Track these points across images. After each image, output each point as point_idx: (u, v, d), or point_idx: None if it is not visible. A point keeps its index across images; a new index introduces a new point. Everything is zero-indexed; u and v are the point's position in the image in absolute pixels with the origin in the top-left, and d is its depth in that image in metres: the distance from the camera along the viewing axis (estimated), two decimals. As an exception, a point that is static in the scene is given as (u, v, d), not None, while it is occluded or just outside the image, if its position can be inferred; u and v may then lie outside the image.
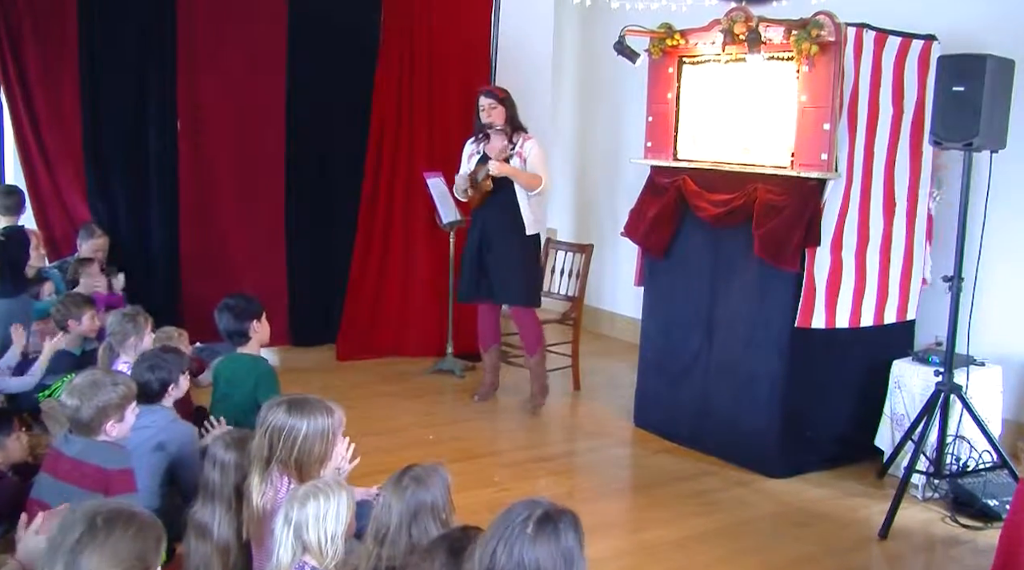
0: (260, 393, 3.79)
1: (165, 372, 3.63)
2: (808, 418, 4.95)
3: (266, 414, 2.94)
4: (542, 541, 1.92)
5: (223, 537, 2.96)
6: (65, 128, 6.18)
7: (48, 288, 5.40)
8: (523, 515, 1.95)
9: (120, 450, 3.18)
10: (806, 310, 4.78)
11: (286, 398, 3.00)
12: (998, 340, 5.08)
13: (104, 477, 3.05)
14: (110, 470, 3.07)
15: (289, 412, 2.92)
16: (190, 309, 6.35)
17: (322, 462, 2.97)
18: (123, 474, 3.10)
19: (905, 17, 4.99)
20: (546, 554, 1.92)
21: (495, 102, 5.63)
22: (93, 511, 2.06)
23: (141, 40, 6.26)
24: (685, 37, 5.23)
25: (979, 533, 4.32)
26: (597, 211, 8.08)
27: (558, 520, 1.97)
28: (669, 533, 4.29)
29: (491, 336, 6.06)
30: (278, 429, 2.89)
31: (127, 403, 3.21)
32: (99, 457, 3.09)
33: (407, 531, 2.53)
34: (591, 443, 5.53)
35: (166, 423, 3.58)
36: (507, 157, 5.56)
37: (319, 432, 2.93)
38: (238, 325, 4.14)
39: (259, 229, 6.83)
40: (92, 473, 3.05)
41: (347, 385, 6.18)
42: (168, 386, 3.64)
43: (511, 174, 5.56)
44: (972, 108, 4.16)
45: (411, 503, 2.55)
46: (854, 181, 4.79)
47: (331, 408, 3.02)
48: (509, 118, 5.64)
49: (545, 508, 1.98)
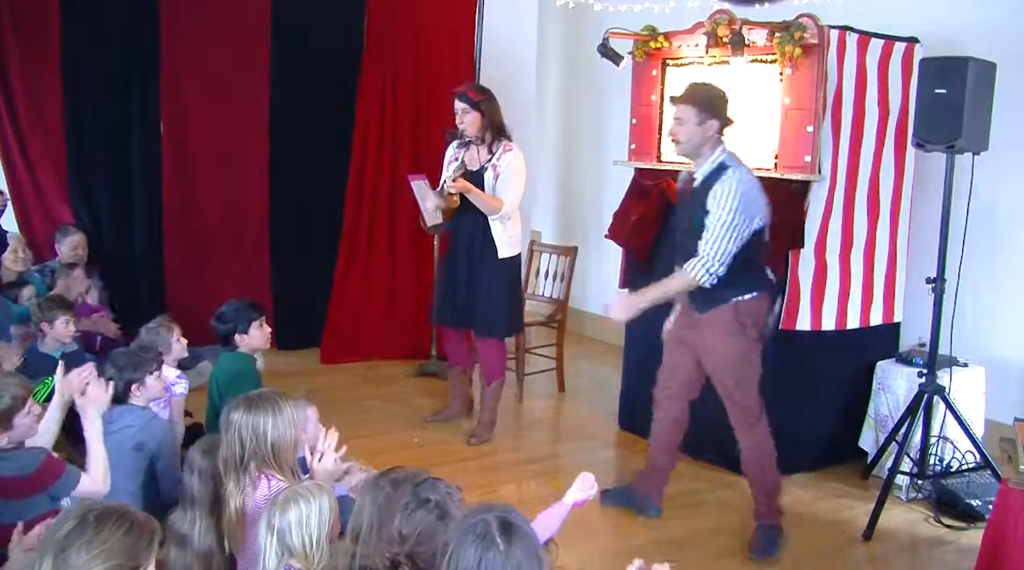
0: (230, 391, 3.75)
1: (131, 371, 3.61)
2: (793, 420, 4.96)
3: (228, 417, 2.94)
4: (514, 548, 1.92)
5: (204, 545, 2.94)
6: (48, 132, 6.15)
7: (28, 292, 5.36)
8: (483, 531, 1.93)
9: (25, 451, 3.12)
10: (791, 312, 4.79)
11: (242, 398, 2.99)
12: (981, 341, 5.11)
13: (29, 482, 3.02)
14: (30, 475, 3.02)
15: (250, 409, 2.92)
16: (174, 313, 6.24)
17: (295, 449, 3.00)
18: (46, 467, 3.06)
19: (887, 20, 5.01)
20: (523, 557, 1.92)
21: (468, 107, 5.08)
22: (87, 508, 2.04)
23: (124, 44, 6.24)
24: (669, 39, 5.24)
25: (962, 533, 4.34)
26: (581, 213, 8.09)
27: (513, 521, 1.97)
28: (654, 535, 4.30)
29: (456, 355, 5.69)
30: (244, 427, 2.89)
31: (13, 413, 3.14)
32: (12, 467, 3.03)
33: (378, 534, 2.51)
34: (576, 445, 5.53)
35: (143, 423, 3.57)
36: (463, 174, 5.11)
37: (286, 421, 2.94)
38: (219, 328, 4.23)
39: (243, 232, 6.81)
40: (18, 484, 3.01)
41: (331, 388, 6.16)
42: (132, 385, 3.62)
43: (468, 194, 5.08)
44: (954, 110, 4.19)
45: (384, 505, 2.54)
46: (838, 183, 4.81)
47: (287, 396, 3.05)
48: (488, 124, 5.12)
49: (497, 515, 1.97)
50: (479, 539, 1.92)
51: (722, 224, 3.90)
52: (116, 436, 3.36)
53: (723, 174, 3.97)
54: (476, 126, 5.11)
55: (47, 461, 3.09)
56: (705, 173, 4.06)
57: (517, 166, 5.15)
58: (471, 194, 5.07)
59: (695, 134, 4.04)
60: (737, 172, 3.97)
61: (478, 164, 5.18)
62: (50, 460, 3.11)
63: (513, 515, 1.99)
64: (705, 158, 4.07)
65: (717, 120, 4.05)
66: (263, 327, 4.29)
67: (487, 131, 5.15)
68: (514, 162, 5.14)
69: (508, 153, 5.15)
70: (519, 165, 5.16)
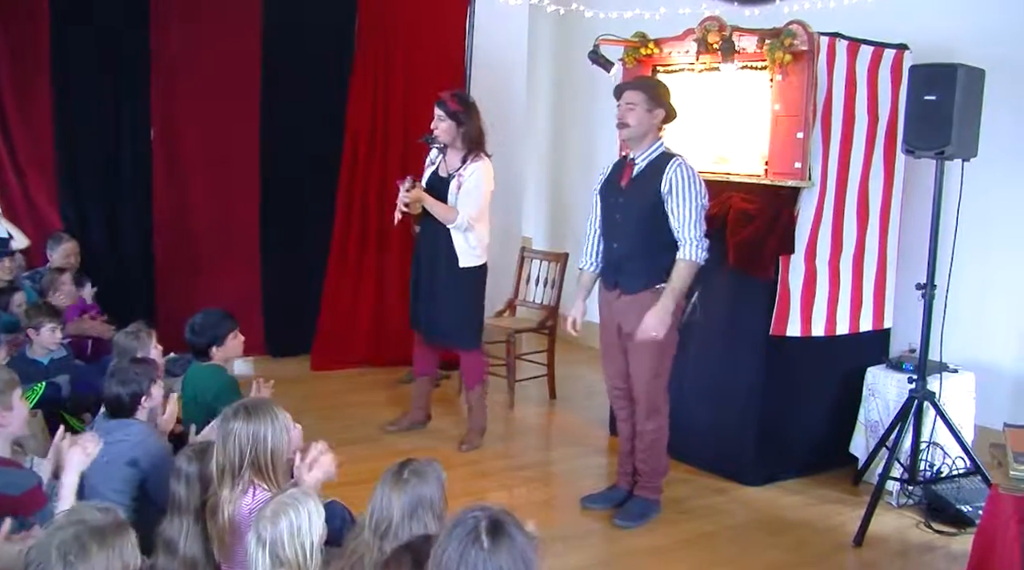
0: (220, 404, 3.74)
1: (135, 385, 3.58)
2: (783, 426, 4.97)
3: (226, 424, 2.91)
4: (500, 550, 1.89)
5: (190, 551, 2.92)
6: (37, 136, 6.11)
7: (19, 299, 5.34)
8: (471, 528, 1.91)
9: (20, 470, 3.10)
10: (781, 318, 4.80)
11: (239, 405, 2.98)
12: (971, 347, 5.12)
13: (12, 503, 2.96)
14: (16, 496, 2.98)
15: (249, 417, 2.90)
16: (163, 319, 6.27)
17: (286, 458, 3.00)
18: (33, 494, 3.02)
19: (877, 26, 5.04)
20: (508, 561, 1.89)
21: (444, 114, 5.12)
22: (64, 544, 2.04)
23: (114, 46, 6.21)
24: (659, 46, 5.25)
25: (953, 539, 4.35)
26: (572, 219, 8.08)
27: (506, 522, 1.94)
28: (645, 542, 4.29)
29: (422, 363, 5.63)
30: (244, 436, 2.87)
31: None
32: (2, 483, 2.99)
33: (408, 524, 2.52)
34: (567, 452, 5.52)
35: (141, 438, 3.52)
36: (413, 185, 5.12)
37: (282, 429, 2.95)
38: (196, 341, 4.21)
39: (233, 237, 6.78)
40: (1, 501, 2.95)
41: (323, 395, 6.15)
42: (140, 398, 3.59)
43: (423, 203, 5.11)
44: (943, 117, 4.20)
45: (412, 496, 2.55)
46: (828, 189, 4.82)
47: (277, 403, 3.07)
48: (463, 135, 5.13)
49: (489, 515, 1.94)
50: (465, 535, 1.90)
51: (695, 206, 4.20)
52: (112, 448, 3.32)
53: (672, 161, 4.24)
54: (449, 134, 5.15)
55: (36, 490, 3.05)
56: (649, 159, 4.31)
57: (479, 178, 5.15)
58: (426, 203, 5.13)
59: (644, 120, 4.29)
60: (683, 159, 4.27)
61: (447, 172, 5.23)
62: (39, 490, 3.07)
63: (505, 517, 1.96)
64: (648, 145, 4.33)
65: (663, 110, 4.31)
66: (238, 337, 4.26)
67: (462, 141, 5.16)
68: (477, 174, 5.14)
69: (475, 163, 5.16)
70: (482, 177, 5.16)
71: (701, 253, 4.21)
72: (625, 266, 4.39)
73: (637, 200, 4.30)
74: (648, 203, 4.25)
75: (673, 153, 4.31)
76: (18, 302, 5.26)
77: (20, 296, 5.34)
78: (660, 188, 4.20)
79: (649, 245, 4.28)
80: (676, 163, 4.22)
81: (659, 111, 4.29)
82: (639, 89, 4.34)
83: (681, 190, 4.18)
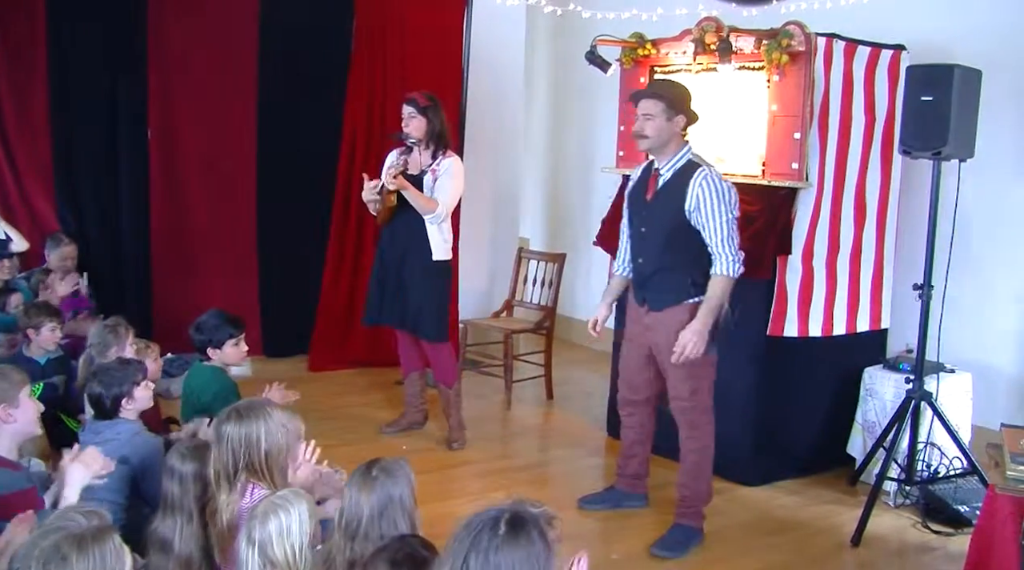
0: (217, 406, 3.74)
1: (116, 387, 3.56)
2: (781, 426, 4.97)
3: (219, 428, 2.91)
4: (515, 544, 1.85)
5: (185, 550, 2.91)
6: (34, 137, 6.12)
7: (16, 300, 5.33)
8: (493, 518, 1.88)
9: (15, 470, 3.08)
10: (778, 318, 4.81)
11: (232, 408, 2.97)
12: (968, 347, 5.12)
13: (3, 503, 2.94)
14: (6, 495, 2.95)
15: (241, 419, 2.90)
16: (161, 319, 6.30)
17: (288, 456, 3.00)
18: (22, 496, 2.98)
19: (874, 27, 5.04)
20: (522, 557, 1.85)
21: (415, 111, 5.18)
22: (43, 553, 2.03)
23: (111, 47, 6.22)
24: (656, 47, 5.25)
25: (950, 539, 4.35)
26: (570, 220, 8.09)
27: (529, 522, 1.90)
28: (642, 542, 4.28)
29: (409, 361, 5.60)
30: (238, 438, 2.86)
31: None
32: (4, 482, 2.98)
33: (378, 523, 2.51)
34: (564, 453, 5.52)
35: (129, 436, 3.52)
36: (403, 171, 5.13)
37: (277, 428, 2.94)
38: (195, 338, 4.21)
39: (230, 238, 6.78)
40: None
41: (320, 396, 6.13)
42: (121, 400, 3.57)
43: (405, 191, 5.12)
44: (940, 117, 4.21)
45: (382, 495, 2.54)
46: (825, 190, 4.82)
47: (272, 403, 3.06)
48: (432, 131, 5.19)
49: (515, 510, 1.91)
50: (482, 523, 1.88)
51: (726, 220, 3.99)
52: (103, 448, 3.32)
53: (698, 173, 4.02)
54: (421, 130, 5.19)
55: (26, 492, 3.02)
56: (674, 168, 4.10)
57: (455, 170, 5.24)
58: (408, 193, 5.13)
59: (664, 129, 4.07)
60: (710, 169, 4.05)
61: (418, 169, 5.25)
62: (31, 492, 3.05)
63: (531, 517, 1.91)
64: (672, 154, 4.11)
65: (684, 116, 4.10)
66: (239, 345, 4.22)
67: (430, 138, 5.22)
68: (452, 166, 5.23)
69: (448, 159, 5.25)
70: (457, 169, 5.26)
71: (737, 267, 4.00)
72: (651, 281, 4.20)
73: (662, 215, 4.11)
74: (673, 219, 4.06)
75: (700, 162, 4.08)
76: (15, 303, 5.26)
77: (17, 297, 5.34)
78: (685, 205, 4.01)
79: (675, 261, 4.11)
80: (702, 175, 3.99)
81: (679, 118, 4.06)
82: (655, 97, 4.09)
83: (709, 205, 3.96)
